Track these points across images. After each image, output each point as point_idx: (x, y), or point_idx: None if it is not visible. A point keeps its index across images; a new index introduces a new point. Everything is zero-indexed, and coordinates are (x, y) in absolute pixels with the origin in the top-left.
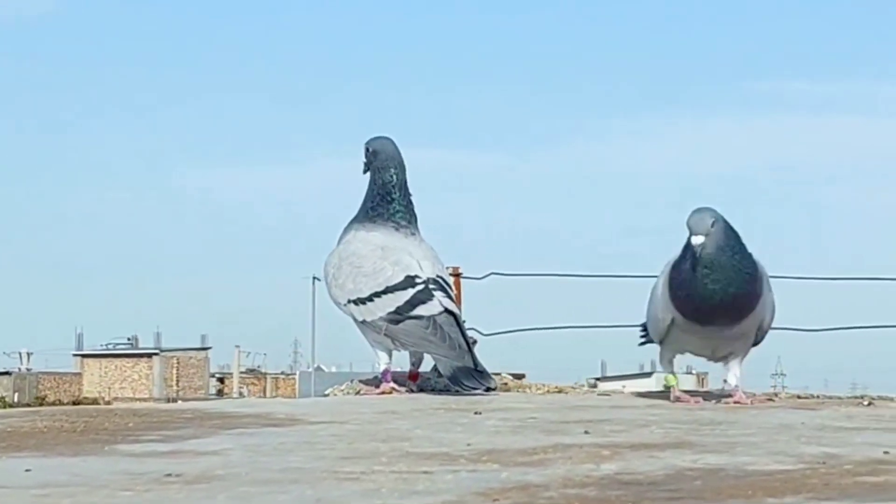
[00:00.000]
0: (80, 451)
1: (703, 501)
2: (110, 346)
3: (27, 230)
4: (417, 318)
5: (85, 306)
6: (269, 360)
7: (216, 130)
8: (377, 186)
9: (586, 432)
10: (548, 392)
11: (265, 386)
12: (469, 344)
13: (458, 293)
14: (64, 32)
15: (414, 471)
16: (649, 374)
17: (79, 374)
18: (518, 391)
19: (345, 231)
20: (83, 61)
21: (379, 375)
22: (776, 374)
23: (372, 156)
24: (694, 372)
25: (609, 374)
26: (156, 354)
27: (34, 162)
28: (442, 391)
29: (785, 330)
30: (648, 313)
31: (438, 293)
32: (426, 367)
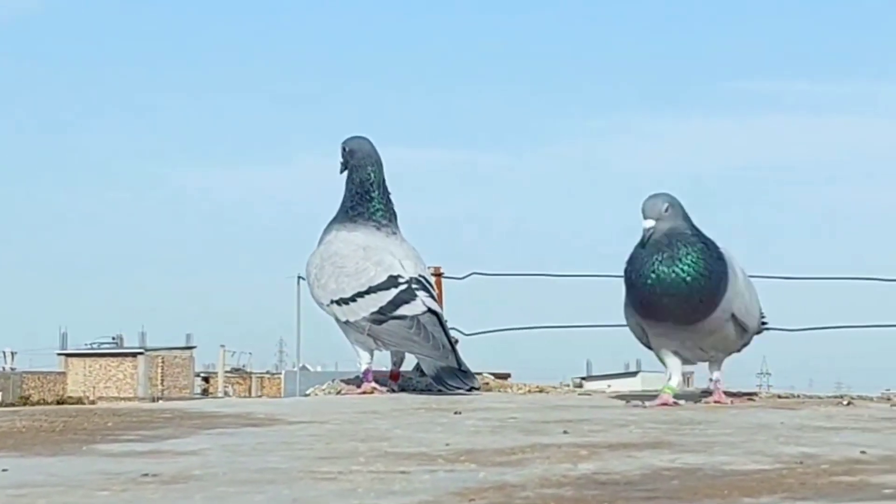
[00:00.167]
0: (59, 451)
1: (679, 501)
2: (95, 346)
3: (9, 229)
4: (401, 318)
5: (69, 305)
6: (255, 360)
7: (200, 130)
8: (355, 185)
9: (565, 432)
10: (529, 392)
11: (250, 385)
12: (452, 343)
13: (440, 293)
14: (63, 32)
15: (391, 471)
16: (635, 374)
17: (63, 374)
18: (500, 391)
19: (325, 231)
20: (81, 60)
21: (360, 375)
22: (761, 374)
23: (349, 155)
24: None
25: (594, 374)
26: (140, 354)
27: (18, 162)
28: (423, 391)
29: (769, 330)
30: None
31: (421, 293)
32: (408, 367)
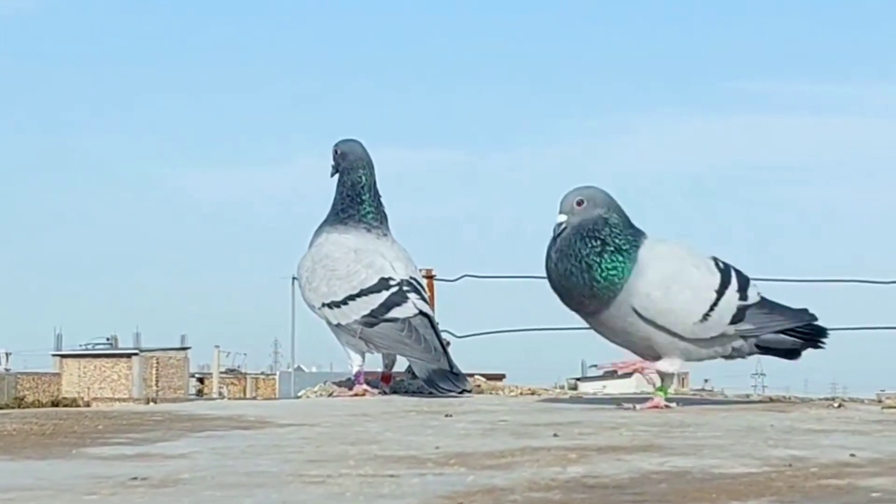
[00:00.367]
0: (48, 455)
1: None
2: (89, 347)
3: (4, 230)
4: (392, 321)
5: (64, 306)
6: (250, 361)
7: (199, 130)
8: (346, 188)
9: (555, 435)
10: (521, 394)
11: (245, 386)
12: (444, 346)
13: (432, 295)
14: (63, 32)
15: (380, 474)
16: (629, 375)
17: (58, 375)
18: (491, 393)
19: (316, 234)
20: (80, 60)
21: (352, 377)
22: (756, 374)
23: (340, 158)
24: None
25: (589, 375)
26: (135, 354)
27: (15, 162)
28: (415, 393)
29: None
30: None
31: (413, 295)
32: (399, 369)
